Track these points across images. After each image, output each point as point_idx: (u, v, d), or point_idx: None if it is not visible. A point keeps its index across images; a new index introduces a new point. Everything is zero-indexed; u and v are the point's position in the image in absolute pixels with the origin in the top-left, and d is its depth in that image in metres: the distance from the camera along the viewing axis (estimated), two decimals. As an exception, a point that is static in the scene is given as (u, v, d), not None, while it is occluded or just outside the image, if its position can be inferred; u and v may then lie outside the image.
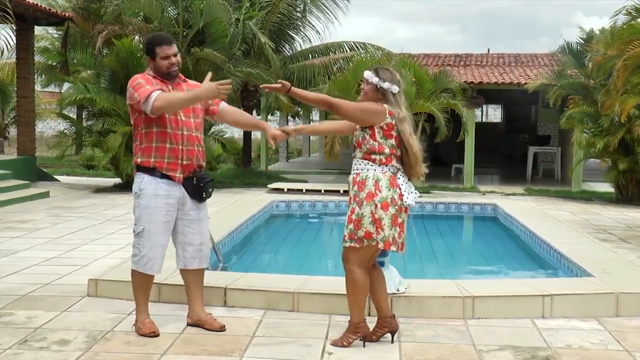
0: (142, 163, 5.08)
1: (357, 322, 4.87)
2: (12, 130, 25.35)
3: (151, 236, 5.06)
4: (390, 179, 4.75)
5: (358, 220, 4.72)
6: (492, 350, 4.83)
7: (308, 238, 10.71)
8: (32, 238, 9.15)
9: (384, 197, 4.70)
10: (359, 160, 4.83)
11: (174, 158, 5.05)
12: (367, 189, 4.72)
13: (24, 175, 15.05)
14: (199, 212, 5.22)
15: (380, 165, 4.76)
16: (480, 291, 5.77)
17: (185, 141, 5.08)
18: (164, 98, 4.92)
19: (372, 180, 4.73)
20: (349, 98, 15.14)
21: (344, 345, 4.84)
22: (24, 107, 16.93)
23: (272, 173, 20.34)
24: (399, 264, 6.04)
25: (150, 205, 5.04)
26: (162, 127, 5.02)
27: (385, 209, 4.70)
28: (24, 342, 4.88)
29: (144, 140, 5.09)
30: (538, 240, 8.95)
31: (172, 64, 5.09)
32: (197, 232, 5.23)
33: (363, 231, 4.70)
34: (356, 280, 4.80)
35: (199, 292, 5.35)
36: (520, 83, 18.58)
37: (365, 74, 4.90)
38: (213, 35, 15.59)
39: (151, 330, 5.03)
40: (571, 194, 15.97)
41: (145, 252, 5.07)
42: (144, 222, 5.07)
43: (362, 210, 4.71)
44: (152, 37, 5.36)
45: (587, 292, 5.84)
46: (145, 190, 5.06)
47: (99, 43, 14.94)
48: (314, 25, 20.35)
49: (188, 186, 5.12)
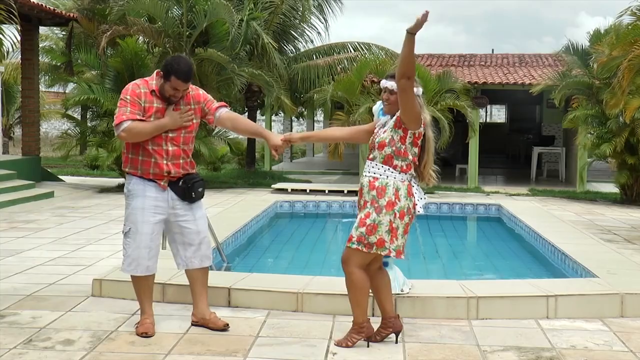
0: (130, 172, 5.15)
1: (360, 323, 4.87)
2: (17, 130, 25.42)
3: (137, 237, 5.08)
4: (408, 188, 4.75)
5: (373, 227, 4.68)
6: (496, 351, 4.83)
7: (312, 238, 10.72)
8: (37, 238, 9.17)
9: (402, 206, 4.70)
10: (379, 164, 4.76)
11: (159, 171, 5.08)
12: (387, 197, 4.68)
13: (29, 175, 15.07)
14: (192, 211, 5.22)
15: (400, 173, 4.73)
16: (485, 292, 5.76)
17: (171, 156, 5.09)
18: (130, 130, 4.95)
19: (392, 188, 4.70)
20: (352, 98, 15.29)
21: (348, 345, 4.84)
22: (29, 107, 16.95)
23: (276, 173, 20.34)
24: (403, 264, 6.03)
25: (138, 206, 5.07)
26: (145, 144, 5.05)
27: (402, 218, 4.71)
28: (29, 341, 4.89)
29: (130, 150, 5.14)
30: (542, 241, 8.93)
31: (176, 96, 5.07)
32: (195, 232, 5.23)
33: (376, 238, 4.68)
34: (356, 282, 4.80)
35: (203, 291, 5.35)
36: (525, 83, 18.55)
37: (387, 85, 4.77)
38: (217, 36, 15.60)
39: (145, 330, 5.03)
40: (575, 195, 15.94)
41: (130, 252, 5.10)
42: (131, 222, 5.10)
43: (380, 217, 4.67)
44: (175, 64, 5.03)
45: (591, 292, 5.84)
46: (133, 192, 5.10)
47: (103, 43, 14.95)
48: (315, 26, 20.37)
49: (176, 189, 5.14)
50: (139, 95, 5.04)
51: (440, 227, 11.73)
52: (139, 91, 5.06)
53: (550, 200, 15.05)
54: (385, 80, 4.83)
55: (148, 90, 5.08)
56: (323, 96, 16.19)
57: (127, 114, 4.96)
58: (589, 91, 15.38)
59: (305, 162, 27.72)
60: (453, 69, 18.67)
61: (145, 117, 5.01)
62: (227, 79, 15.57)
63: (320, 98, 16.59)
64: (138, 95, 5.03)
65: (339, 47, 19.64)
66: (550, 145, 22.01)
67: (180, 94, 5.07)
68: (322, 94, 16.36)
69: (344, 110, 15.96)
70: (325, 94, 15.99)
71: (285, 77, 18.09)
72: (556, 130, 22.89)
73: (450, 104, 14.77)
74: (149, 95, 5.06)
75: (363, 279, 4.81)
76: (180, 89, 5.04)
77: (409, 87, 4.52)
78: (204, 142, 14.75)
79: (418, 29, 4.37)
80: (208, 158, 16.04)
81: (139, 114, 4.98)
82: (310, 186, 15.71)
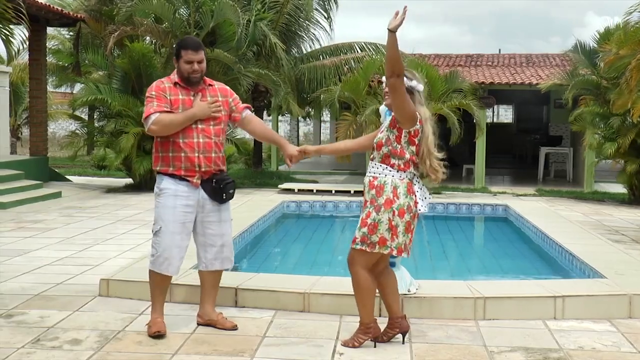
0: (162, 171, 5.13)
1: (367, 323, 4.87)
2: (25, 130, 25.47)
3: (168, 236, 5.07)
4: (408, 186, 4.75)
5: (374, 225, 4.70)
6: (503, 352, 4.82)
7: (318, 238, 10.72)
8: (45, 238, 9.19)
9: (402, 204, 4.70)
10: (377, 163, 4.79)
11: (191, 166, 5.06)
12: (385, 195, 4.70)
13: (37, 175, 15.11)
14: (219, 213, 5.22)
15: (398, 171, 4.74)
16: (492, 292, 5.75)
17: (202, 148, 5.08)
18: (160, 122, 4.98)
19: (390, 186, 4.71)
20: (358, 98, 15.27)
21: (354, 345, 4.84)
22: (37, 107, 17.00)
23: (282, 173, 20.34)
24: (409, 264, 6.03)
25: (169, 205, 5.06)
26: (176, 137, 5.05)
27: (401, 216, 4.70)
28: (37, 341, 4.91)
29: (160, 149, 5.12)
30: (550, 241, 8.92)
31: (195, 70, 5.09)
32: (218, 234, 5.24)
33: (378, 237, 4.69)
34: (361, 282, 4.81)
35: (214, 292, 5.37)
36: (532, 83, 18.50)
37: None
38: (223, 36, 15.62)
39: (156, 330, 5.04)
40: (583, 195, 15.90)
41: (160, 251, 5.09)
42: (162, 221, 5.09)
43: (379, 216, 4.69)
44: (182, 39, 5.35)
45: (599, 293, 5.82)
46: (165, 190, 5.09)
47: (111, 44, 14.97)
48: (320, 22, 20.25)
49: (207, 188, 5.13)
50: (164, 89, 5.08)
51: (447, 227, 11.72)
52: (163, 86, 5.11)
53: (558, 200, 15.02)
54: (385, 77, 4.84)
55: (171, 84, 5.13)
56: (330, 97, 16.18)
57: (155, 107, 4.99)
58: (596, 91, 15.35)
59: (312, 162, 27.70)
60: (460, 69, 18.63)
61: (174, 110, 5.03)
62: (234, 79, 15.57)
63: (327, 99, 16.59)
64: (163, 90, 5.07)
65: (345, 47, 19.59)
66: (558, 146, 21.97)
67: (197, 67, 5.08)
68: (329, 94, 16.35)
69: (350, 111, 15.96)
70: (332, 94, 15.97)
71: (292, 77, 18.07)
72: (564, 131, 22.84)
73: (457, 103, 14.75)
74: (172, 89, 5.11)
75: (368, 280, 4.82)
76: (194, 61, 5.07)
77: (398, 84, 4.55)
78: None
79: (398, 26, 4.41)
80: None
81: (167, 106, 5.01)
82: (317, 186, 15.71)
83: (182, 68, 5.09)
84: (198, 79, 5.15)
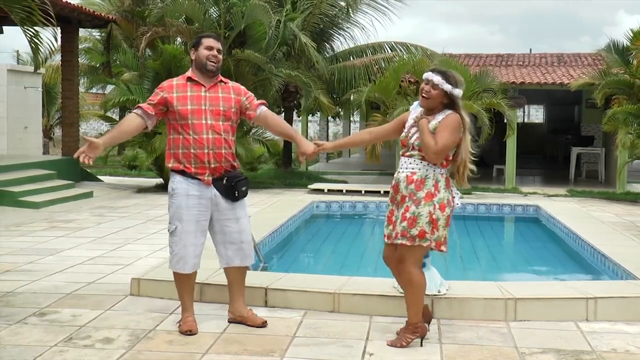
0: (173, 167, 5.18)
1: (415, 323, 4.85)
2: (57, 131, 25.74)
3: (182, 235, 5.12)
4: (447, 181, 4.80)
5: (413, 219, 4.71)
6: (534, 353, 4.78)
7: (348, 239, 10.71)
8: (77, 237, 9.29)
9: (442, 198, 4.73)
10: (417, 159, 4.80)
11: (200, 163, 5.09)
12: (426, 189, 4.73)
13: (68, 175, 15.27)
14: (235, 211, 5.23)
15: (439, 167, 4.78)
16: (523, 293, 5.71)
17: (212, 144, 5.09)
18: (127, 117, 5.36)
19: (432, 180, 4.75)
20: (388, 99, 15.21)
21: (402, 345, 4.81)
22: (69, 108, 17.18)
23: (312, 174, 20.35)
24: (440, 265, 6.00)
25: (182, 205, 5.11)
26: (185, 134, 5.09)
27: (442, 210, 4.73)
28: (69, 339, 4.95)
29: (172, 145, 5.19)
30: (581, 242, 8.82)
31: (214, 55, 5.15)
32: (237, 231, 5.25)
33: (417, 230, 4.70)
34: (414, 281, 4.81)
35: (241, 289, 5.39)
36: (563, 83, 18.31)
37: (434, 79, 4.76)
38: (253, 37, 15.67)
39: (188, 328, 5.08)
40: (615, 196, 15.71)
41: (177, 251, 5.14)
42: (176, 221, 5.14)
43: (419, 209, 4.70)
44: (199, 35, 5.48)
45: (633, 295, 5.74)
46: (177, 190, 5.14)
47: (143, 44, 15.11)
48: (358, 23, 20.13)
49: (219, 187, 5.15)
50: (167, 88, 5.19)
51: (478, 227, 11.65)
52: (170, 84, 5.23)
53: (589, 201, 14.86)
54: (431, 73, 4.82)
55: (183, 80, 5.20)
56: (359, 98, 16.15)
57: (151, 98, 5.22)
58: (629, 90, 15.15)
59: (341, 162, 27.70)
60: (490, 68, 18.51)
61: (181, 106, 5.09)
62: (264, 80, 15.63)
63: (357, 99, 16.56)
64: (166, 88, 5.19)
65: (375, 47, 19.53)
66: (590, 146, 21.73)
67: (216, 53, 5.16)
68: (359, 95, 16.32)
69: (380, 111, 15.91)
70: (362, 95, 15.94)
71: (326, 75, 18.04)
72: (595, 131, 22.59)
73: (488, 102, 14.65)
74: (182, 85, 5.18)
75: (421, 278, 4.83)
76: (214, 47, 5.15)
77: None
78: (241, 143, 14.81)
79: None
80: (245, 158, 16.09)
81: (151, 103, 5.17)
82: (347, 186, 15.69)
83: (201, 54, 5.15)
84: (215, 68, 5.18)
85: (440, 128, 4.72)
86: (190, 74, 5.21)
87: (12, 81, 17.96)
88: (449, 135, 4.69)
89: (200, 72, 5.18)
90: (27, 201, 12.42)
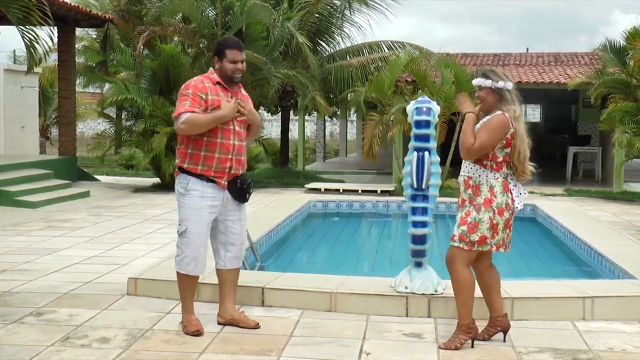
0: (189, 169, 5.10)
1: (467, 324, 4.85)
2: (54, 130, 25.72)
3: (195, 237, 5.09)
4: (503, 184, 4.83)
5: (474, 225, 4.76)
6: (531, 353, 4.79)
7: (345, 238, 10.70)
8: (74, 237, 9.28)
9: (500, 202, 4.78)
10: (471, 163, 4.85)
11: (222, 168, 5.07)
12: (483, 195, 4.78)
13: (65, 175, 15.25)
14: (240, 212, 5.26)
15: (492, 171, 4.82)
16: (520, 293, 5.71)
17: (236, 151, 5.11)
18: (190, 122, 4.96)
19: (486, 186, 4.80)
20: (384, 98, 15.20)
21: (456, 347, 4.80)
22: (65, 107, 17.15)
23: (309, 173, 20.35)
24: (436, 264, 6.00)
25: (196, 207, 5.07)
26: (213, 137, 5.04)
27: (501, 214, 4.79)
28: (66, 339, 4.95)
29: (191, 146, 5.09)
30: (578, 242, 8.83)
31: (238, 69, 5.13)
32: (239, 233, 5.28)
33: (478, 236, 4.76)
34: (462, 281, 4.82)
35: (233, 290, 5.38)
36: (560, 82, 18.32)
37: (475, 82, 4.87)
38: (251, 36, 15.64)
39: (196, 328, 5.07)
40: (612, 195, 15.72)
41: (188, 252, 5.10)
42: (188, 222, 5.10)
43: (480, 215, 4.76)
44: (224, 39, 5.44)
45: (629, 294, 5.75)
46: (192, 192, 5.08)
47: (140, 44, 15.10)
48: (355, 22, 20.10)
49: (232, 189, 5.15)
50: (202, 89, 5.06)
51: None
52: (202, 85, 5.09)
53: (587, 200, 14.86)
54: (476, 79, 4.89)
55: (212, 83, 5.12)
56: (357, 97, 16.15)
57: (187, 107, 4.98)
58: (626, 89, 15.17)
59: (338, 161, 27.71)
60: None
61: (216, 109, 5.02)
62: (262, 79, 15.61)
63: (354, 99, 16.55)
64: (201, 90, 5.06)
65: (372, 46, 19.51)
66: (587, 145, 21.74)
67: (241, 66, 5.13)
68: (356, 94, 16.31)
69: (377, 110, 15.91)
70: (359, 95, 15.93)
71: (319, 77, 18.04)
72: (592, 130, 22.61)
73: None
74: (214, 88, 5.10)
75: (470, 278, 4.85)
76: (238, 60, 5.11)
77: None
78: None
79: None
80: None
81: (199, 107, 4.99)
82: (344, 186, 15.69)
83: (226, 67, 5.11)
84: (239, 79, 5.19)
85: (481, 128, 4.80)
86: (217, 79, 5.15)
87: (9, 81, 17.95)
88: (486, 136, 4.75)
89: (226, 81, 5.16)
90: (24, 201, 12.40)
